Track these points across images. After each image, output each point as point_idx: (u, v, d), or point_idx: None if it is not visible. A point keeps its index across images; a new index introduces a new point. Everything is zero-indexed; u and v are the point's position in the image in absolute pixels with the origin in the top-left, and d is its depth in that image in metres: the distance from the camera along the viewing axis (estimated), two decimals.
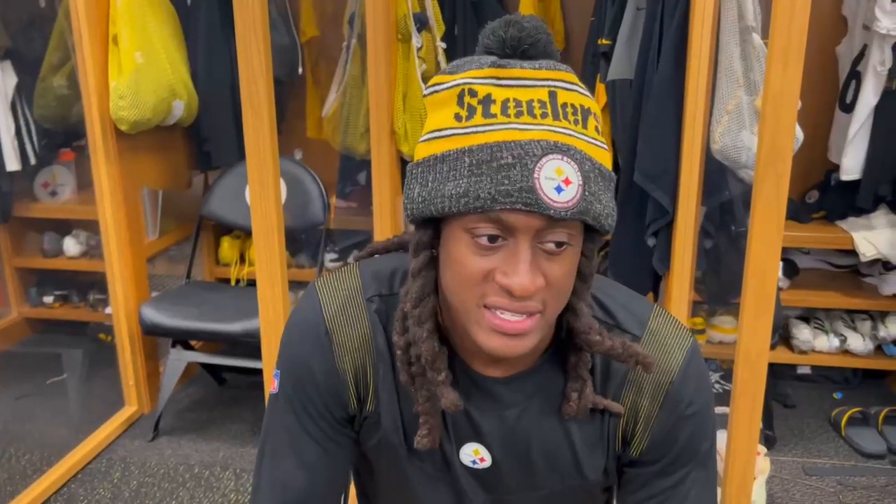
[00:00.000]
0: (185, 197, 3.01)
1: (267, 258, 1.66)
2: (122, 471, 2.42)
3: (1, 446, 2.53)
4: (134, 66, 2.42)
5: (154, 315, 2.51)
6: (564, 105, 0.72)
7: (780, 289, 2.35)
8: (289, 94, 3.03)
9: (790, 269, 2.81)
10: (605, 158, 0.75)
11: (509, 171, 0.69)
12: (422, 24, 2.41)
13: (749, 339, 1.42)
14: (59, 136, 3.03)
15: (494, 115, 0.71)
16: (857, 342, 2.69)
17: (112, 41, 2.43)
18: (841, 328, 2.76)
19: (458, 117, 0.72)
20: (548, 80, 0.72)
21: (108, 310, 2.81)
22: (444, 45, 2.51)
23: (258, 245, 1.66)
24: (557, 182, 0.69)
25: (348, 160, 2.89)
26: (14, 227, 3.17)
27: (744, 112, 1.98)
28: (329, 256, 3.08)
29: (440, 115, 0.74)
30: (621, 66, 2.39)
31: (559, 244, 0.72)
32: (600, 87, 2.51)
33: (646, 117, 2.16)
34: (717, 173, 2.16)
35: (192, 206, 2.98)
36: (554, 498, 0.92)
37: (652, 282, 2.33)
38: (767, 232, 1.30)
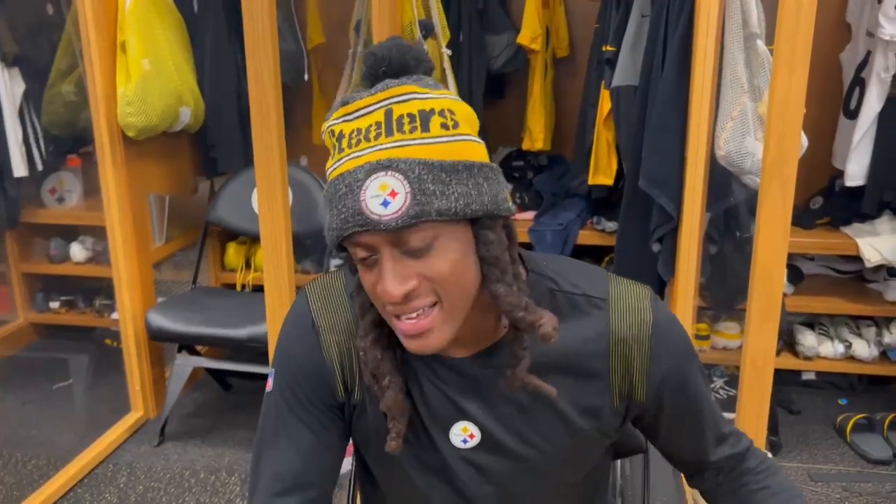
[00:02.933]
0: (192, 203, 3.03)
1: (275, 264, 1.67)
2: (128, 476, 2.42)
3: (7, 451, 2.54)
4: (141, 72, 2.43)
5: (160, 320, 2.52)
6: (400, 118, 0.78)
7: (784, 295, 2.36)
8: (295, 101, 3.04)
9: (795, 275, 2.82)
10: (453, 152, 0.78)
11: (345, 200, 0.77)
12: (427, 30, 2.43)
13: (755, 344, 1.42)
14: (66, 142, 3.04)
15: (343, 150, 0.79)
16: (862, 348, 2.69)
17: (120, 48, 2.45)
18: (846, 334, 2.76)
19: (331, 156, 0.82)
20: (383, 100, 0.79)
21: (115, 315, 2.82)
22: (449, 51, 2.52)
23: (266, 251, 1.67)
24: (383, 197, 0.75)
25: None
26: (21, 233, 3.18)
27: (748, 118, 1.99)
28: (334, 262, 3.09)
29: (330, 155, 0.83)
30: (626, 72, 2.40)
31: (415, 249, 0.77)
32: (605, 94, 2.52)
33: (650, 123, 2.17)
34: (721, 179, 2.17)
35: (198, 212, 2.99)
36: (546, 468, 0.95)
37: (657, 287, 2.33)
38: (773, 236, 1.31)
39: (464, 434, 0.93)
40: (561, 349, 0.90)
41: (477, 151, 0.81)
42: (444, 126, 0.79)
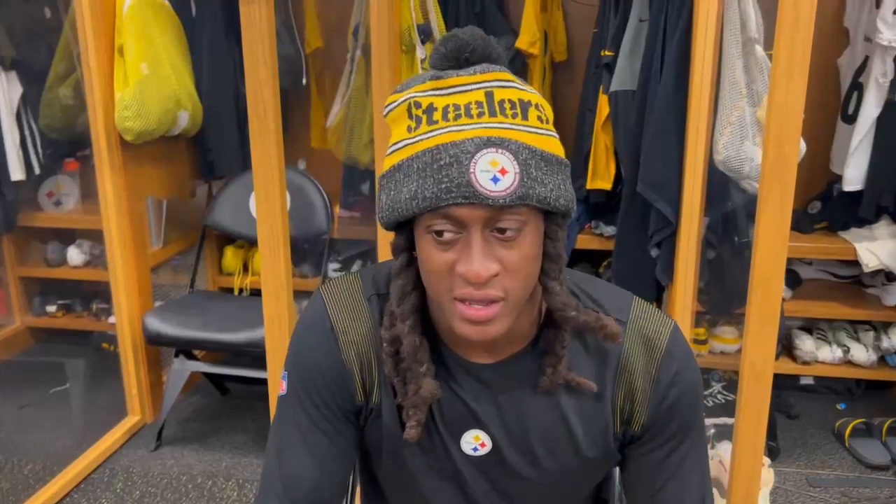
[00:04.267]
0: (189, 207, 3.02)
1: (272, 268, 1.67)
2: (124, 481, 2.42)
3: (4, 456, 2.53)
4: (139, 76, 2.43)
5: (157, 324, 2.51)
6: (502, 101, 0.78)
7: (782, 299, 2.36)
8: (293, 105, 3.04)
9: (793, 279, 2.82)
10: (549, 145, 0.80)
11: (449, 170, 0.75)
12: (426, 35, 2.43)
13: (754, 349, 1.42)
14: (63, 145, 3.04)
15: (436, 122, 0.78)
16: (860, 353, 2.69)
17: (118, 52, 2.45)
18: (844, 339, 2.76)
19: (409, 129, 0.80)
20: (483, 82, 0.78)
21: (112, 319, 2.81)
22: None
23: (264, 255, 1.66)
24: (493, 173, 0.75)
25: (352, 170, 2.91)
26: (18, 237, 3.18)
27: (746, 123, 2.00)
28: (332, 266, 3.08)
29: (397, 129, 0.82)
30: (624, 77, 2.40)
31: (507, 230, 0.77)
32: (603, 98, 2.52)
33: (649, 128, 2.17)
34: (719, 184, 2.17)
35: (195, 216, 2.99)
36: (552, 485, 0.94)
37: (655, 292, 2.33)
38: (772, 242, 1.31)
39: (475, 442, 0.92)
40: (576, 367, 0.89)
41: (562, 150, 0.82)
42: (540, 119, 0.80)
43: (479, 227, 0.76)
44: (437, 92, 0.79)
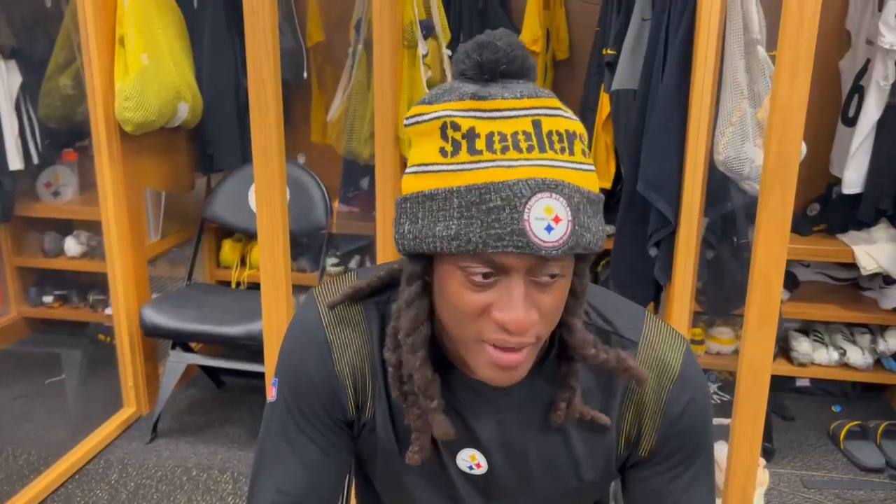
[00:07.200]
0: (188, 199, 3.02)
1: (271, 262, 1.66)
2: (119, 472, 2.41)
3: None
4: (139, 67, 2.42)
5: (154, 316, 2.51)
6: (550, 133, 0.71)
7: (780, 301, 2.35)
8: (294, 99, 3.04)
9: (790, 281, 2.82)
10: (592, 182, 0.74)
11: (499, 214, 0.68)
12: (428, 31, 2.43)
13: (752, 349, 1.42)
14: (62, 135, 3.03)
15: (480, 152, 0.70)
16: (857, 356, 2.70)
17: (118, 42, 2.44)
18: (840, 341, 2.76)
19: (443, 152, 0.72)
20: (530, 108, 0.71)
21: (108, 310, 2.81)
22: (449, 52, 2.52)
23: (263, 248, 1.66)
24: (547, 221, 0.68)
25: (352, 165, 2.90)
26: (15, 227, 3.17)
27: (747, 124, 1.99)
28: (330, 261, 3.08)
29: (425, 147, 0.74)
30: (626, 76, 2.40)
31: (552, 276, 0.72)
32: (604, 97, 2.52)
33: (650, 127, 2.17)
34: (719, 184, 2.17)
35: (194, 209, 2.98)
36: (549, 501, 0.93)
37: (653, 292, 2.33)
38: (772, 242, 1.31)
39: (471, 461, 0.89)
40: (582, 388, 0.85)
41: (597, 186, 0.76)
42: (584, 153, 0.73)
43: (521, 274, 0.70)
44: (479, 114, 0.70)
